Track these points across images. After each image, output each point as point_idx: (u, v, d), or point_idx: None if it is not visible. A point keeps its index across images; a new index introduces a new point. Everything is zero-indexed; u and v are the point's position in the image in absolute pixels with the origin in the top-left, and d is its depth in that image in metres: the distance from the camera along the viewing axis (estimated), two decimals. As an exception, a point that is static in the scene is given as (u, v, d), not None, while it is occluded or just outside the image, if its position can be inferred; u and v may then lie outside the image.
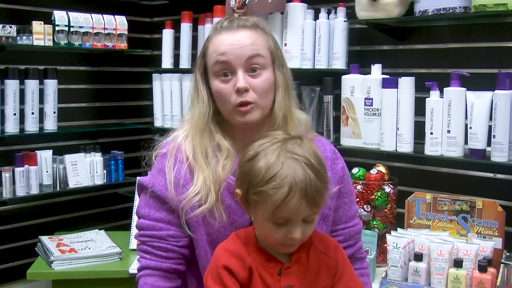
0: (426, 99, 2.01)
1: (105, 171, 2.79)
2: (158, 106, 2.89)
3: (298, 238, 1.12)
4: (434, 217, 2.02)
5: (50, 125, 2.61)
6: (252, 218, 1.21)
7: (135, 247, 2.37)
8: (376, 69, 2.17)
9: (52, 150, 2.61)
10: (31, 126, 2.54)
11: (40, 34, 2.48)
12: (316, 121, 2.38)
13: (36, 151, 2.56)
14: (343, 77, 2.23)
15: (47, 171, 2.57)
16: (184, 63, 2.81)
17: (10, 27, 2.41)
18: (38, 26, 2.48)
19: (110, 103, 3.08)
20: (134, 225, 1.65)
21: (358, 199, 2.09)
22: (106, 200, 3.06)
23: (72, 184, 2.66)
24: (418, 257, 1.83)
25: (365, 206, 2.11)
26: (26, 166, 2.48)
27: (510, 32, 2.03)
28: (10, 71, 2.46)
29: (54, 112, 2.62)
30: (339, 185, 1.39)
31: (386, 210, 2.12)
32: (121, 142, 3.04)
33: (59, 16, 2.55)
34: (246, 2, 2.44)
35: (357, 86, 2.18)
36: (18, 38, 2.44)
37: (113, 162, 2.83)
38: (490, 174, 2.11)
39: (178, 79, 2.79)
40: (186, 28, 2.80)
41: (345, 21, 2.27)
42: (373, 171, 2.14)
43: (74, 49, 2.68)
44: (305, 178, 1.09)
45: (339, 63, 2.29)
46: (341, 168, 1.41)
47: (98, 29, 2.67)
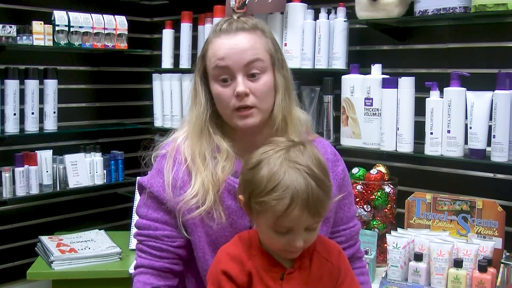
0: (426, 99, 2.01)
1: (105, 171, 2.79)
2: (158, 106, 2.89)
3: (301, 246, 1.12)
4: (434, 217, 2.02)
5: (50, 125, 2.62)
6: (253, 223, 1.21)
7: (135, 247, 2.37)
8: (376, 69, 2.17)
9: (52, 150, 2.61)
10: (31, 126, 2.54)
11: (40, 34, 2.48)
12: (316, 121, 2.37)
13: (36, 151, 2.56)
14: (343, 77, 2.23)
15: (47, 171, 2.57)
16: (184, 63, 2.81)
17: (10, 27, 2.41)
18: (38, 26, 2.48)
19: (110, 103, 3.08)
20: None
21: (358, 199, 2.09)
22: (106, 200, 3.06)
23: (72, 184, 2.66)
24: (418, 257, 1.83)
25: (365, 206, 2.11)
26: (26, 166, 2.48)
27: (510, 32, 2.03)
28: (10, 71, 2.46)
29: (54, 112, 2.62)
30: (340, 187, 1.39)
31: (386, 210, 2.12)
32: (121, 142, 3.04)
33: (59, 16, 2.55)
34: (246, 2, 2.44)
35: (357, 86, 2.18)
36: (18, 38, 2.44)
37: (113, 162, 2.83)
38: (490, 174, 2.11)
39: (178, 79, 2.79)
40: (186, 28, 2.80)
41: (345, 21, 2.27)
42: (373, 171, 2.14)
43: (74, 49, 2.68)
44: (307, 189, 1.08)
45: (339, 63, 2.29)
46: (341, 170, 1.41)
47: (98, 29, 2.67)
